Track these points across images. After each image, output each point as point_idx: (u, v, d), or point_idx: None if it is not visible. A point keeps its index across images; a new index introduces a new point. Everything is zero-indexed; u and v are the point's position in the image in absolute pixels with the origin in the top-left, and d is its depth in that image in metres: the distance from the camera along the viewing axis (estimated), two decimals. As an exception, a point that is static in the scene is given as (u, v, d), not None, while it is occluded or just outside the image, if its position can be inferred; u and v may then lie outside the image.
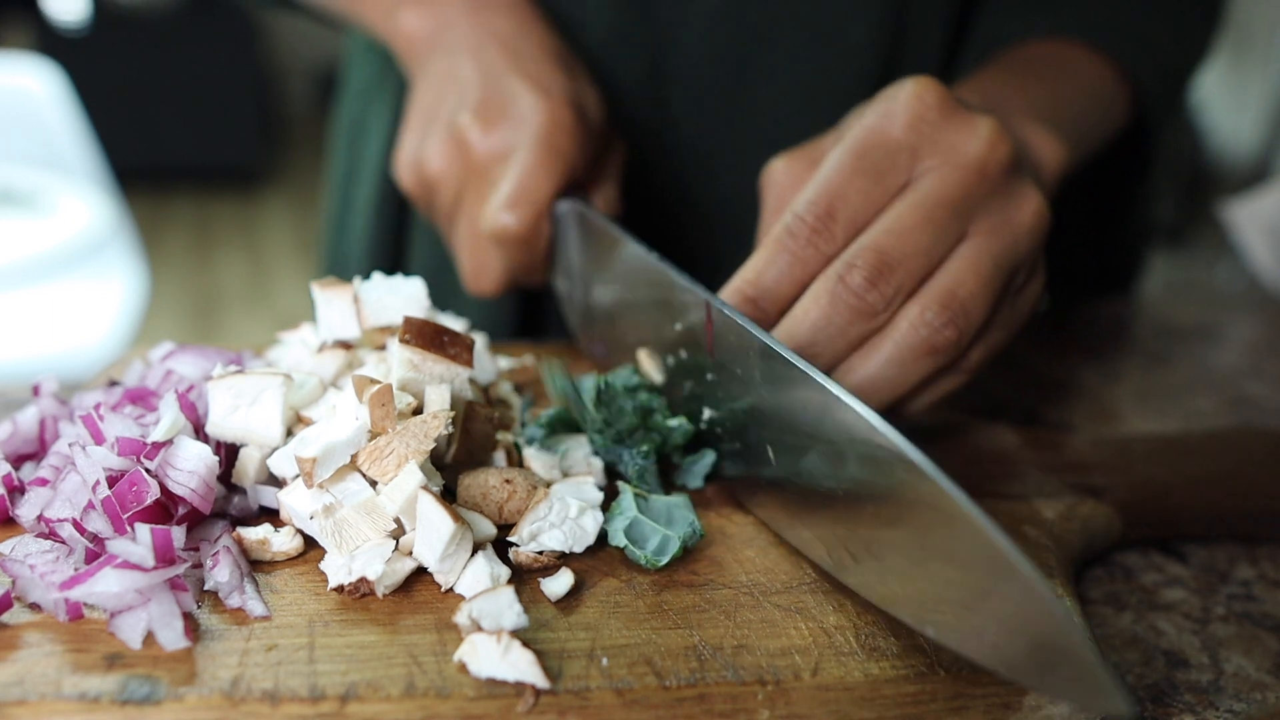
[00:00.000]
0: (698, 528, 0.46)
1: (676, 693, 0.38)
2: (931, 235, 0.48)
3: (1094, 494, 0.53)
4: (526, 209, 0.59)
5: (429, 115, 0.65)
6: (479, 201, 0.62)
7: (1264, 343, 0.86)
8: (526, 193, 0.59)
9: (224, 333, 3.49)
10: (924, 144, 0.51)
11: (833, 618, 0.42)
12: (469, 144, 0.61)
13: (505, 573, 0.43)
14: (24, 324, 2.12)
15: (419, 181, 0.65)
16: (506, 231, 0.60)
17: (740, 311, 0.48)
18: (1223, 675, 0.46)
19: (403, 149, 0.66)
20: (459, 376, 0.48)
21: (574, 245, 0.60)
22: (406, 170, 0.66)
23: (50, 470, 0.46)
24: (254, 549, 0.44)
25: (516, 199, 0.59)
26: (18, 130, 2.43)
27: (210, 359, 0.53)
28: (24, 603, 0.41)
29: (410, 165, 0.65)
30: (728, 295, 0.51)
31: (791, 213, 0.50)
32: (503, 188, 0.60)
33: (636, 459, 0.51)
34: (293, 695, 0.36)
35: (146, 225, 4.05)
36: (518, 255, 0.62)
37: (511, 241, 0.60)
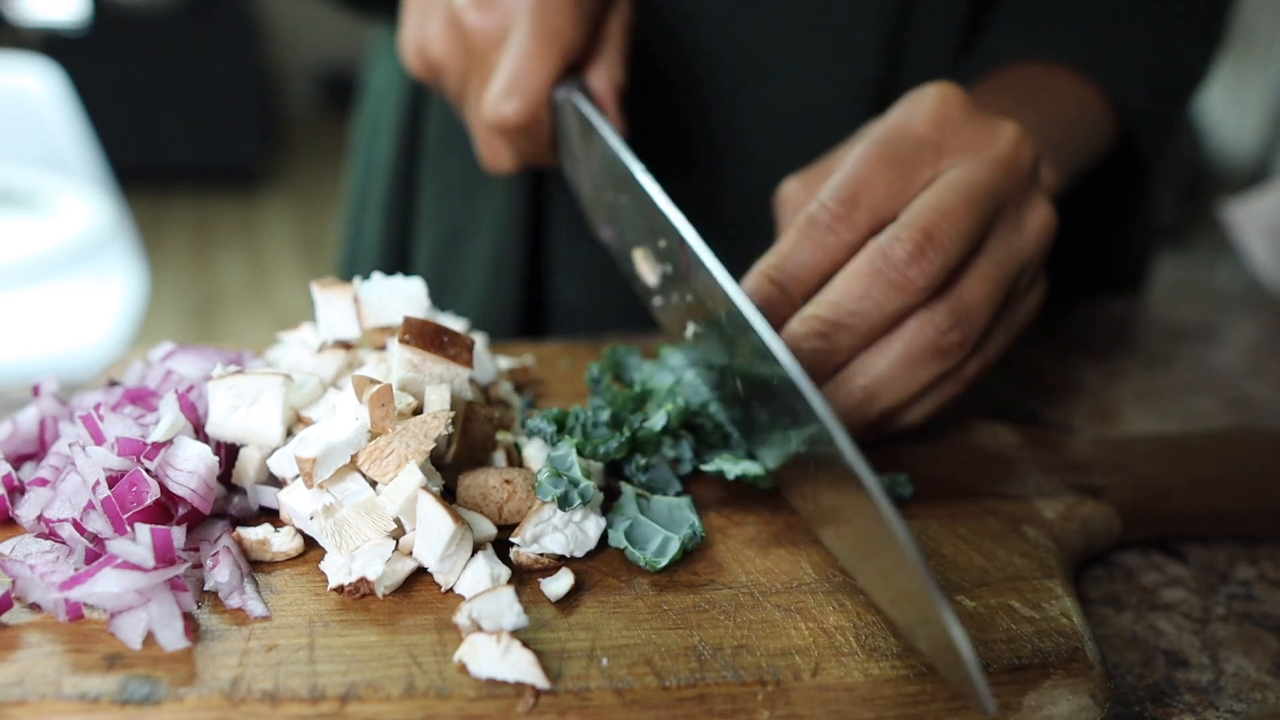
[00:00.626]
0: (698, 529, 0.46)
1: (676, 693, 0.38)
2: (972, 220, 0.49)
3: (1094, 494, 0.53)
4: (522, 99, 0.58)
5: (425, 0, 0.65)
6: (481, 86, 0.62)
7: (1264, 343, 0.86)
8: (522, 81, 0.58)
9: (224, 333, 3.49)
10: (948, 142, 0.51)
11: (833, 618, 0.42)
12: (466, 26, 0.61)
13: (505, 573, 0.43)
14: (24, 324, 2.12)
15: (425, 65, 0.65)
16: (505, 122, 0.59)
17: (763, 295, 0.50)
18: (1223, 675, 0.46)
19: (406, 31, 0.66)
20: (459, 376, 0.48)
21: (574, 132, 0.60)
22: (411, 54, 0.65)
23: (50, 470, 0.46)
24: (254, 549, 0.44)
25: (512, 88, 0.58)
26: (18, 130, 2.43)
27: (210, 359, 0.53)
28: (24, 603, 0.40)
29: (414, 49, 0.65)
30: (752, 279, 0.51)
31: (816, 200, 0.51)
32: (498, 77, 0.59)
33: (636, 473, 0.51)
34: (293, 695, 0.36)
35: (146, 225, 4.05)
36: (521, 142, 0.62)
37: (512, 131, 0.60)
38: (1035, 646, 0.41)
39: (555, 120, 0.61)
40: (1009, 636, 0.42)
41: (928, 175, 0.51)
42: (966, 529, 0.49)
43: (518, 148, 0.63)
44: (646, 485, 0.50)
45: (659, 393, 0.53)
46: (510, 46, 0.59)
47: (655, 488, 0.50)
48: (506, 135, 0.61)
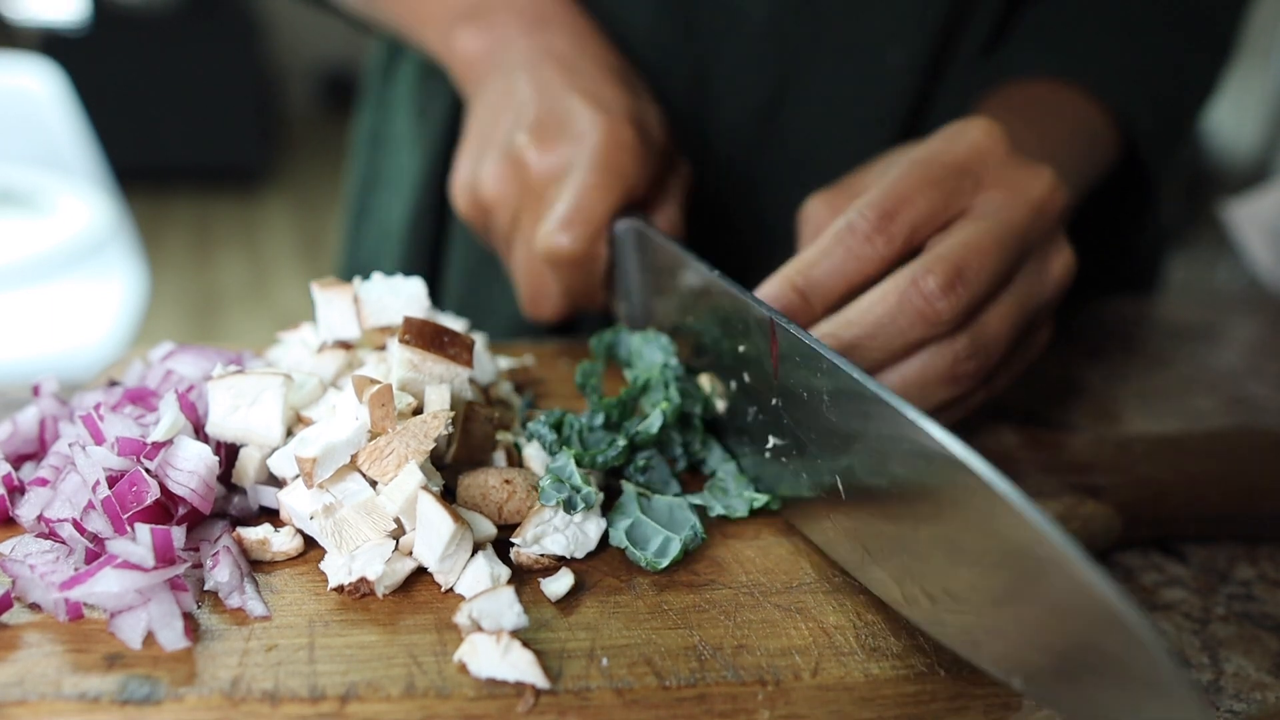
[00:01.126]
0: (699, 530, 0.46)
1: (676, 693, 0.38)
2: (1003, 261, 0.49)
3: (1094, 494, 0.53)
4: (582, 229, 0.57)
5: (485, 137, 0.63)
6: (535, 223, 0.60)
7: (1264, 343, 0.86)
8: (583, 212, 0.57)
9: (224, 333, 3.49)
10: (988, 175, 0.51)
11: (833, 618, 0.42)
12: (526, 164, 0.60)
13: (505, 573, 0.43)
14: (24, 324, 2.12)
15: (475, 205, 0.64)
16: (561, 252, 0.58)
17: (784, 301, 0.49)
18: (1223, 675, 0.46)
19: (459, 172, 0.65)
20: (459, 376, 0.48)
21: (633, 266, 0.59)
22: (462, 194, 0.64)
23: (50, 470, 0.46)
24: (254, 549, 0.44)
25: (572, 218, 0.57)
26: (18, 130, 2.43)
27: (210, 359, 0.53)
28: (24, 603, 0.40)
29: (466, 188, 0.64)
30: (775, 283, 0.50)
31: (854, 209, 0.50)
32: (558, 207, 0.58)
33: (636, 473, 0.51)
34: (293, 695, 0.36)
35: (146, 225, 4.05)
36: (574, 277, 0.60)
37: (567, 263, 0.59)
38: (1035, 646, 0.41)
39: (611, 257, 0.60)
40: (1009, 636, 0.42)
41: (965, 204, 0.51)
42: (966, 529, 0.49)
43: (568, 282, 0.61)
44: (646, 485, 0.50)
45: (652, 383, 0.53)
46: (571, 180, 0.58)
47: (655, 487, 0.50)
48: (560, 268, 0.59)
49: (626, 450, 0.49)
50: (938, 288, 0.47)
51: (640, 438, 0.50)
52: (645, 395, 0.53)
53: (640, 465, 0.51)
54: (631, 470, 0.51)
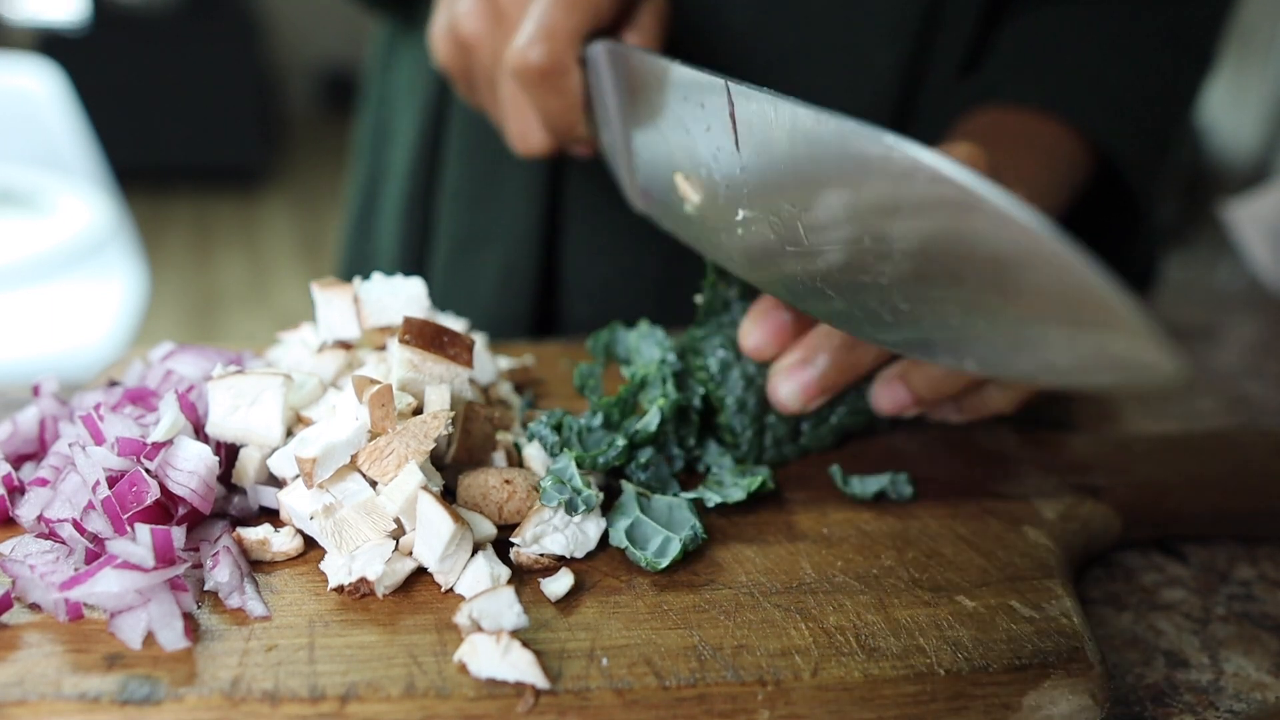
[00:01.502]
0: (699, 530, 0.46)
1: (676, 693, 0.38)
2: None
3: (1094, 494, 0.53)
4: (549, 43, 0.58)
5: None
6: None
7: (1264, 343, 0.86)
8: (548, 26, 0.58)
9: (224, 333, 3.49)
10: None
11: (833, 618, 0.42)
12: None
13: (505, 573, 0.43)
14: (24, 324, 2.12)
15: (455, 47, 0.64)
16: (530, 67, 0.58)
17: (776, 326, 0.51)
18: (1223, 675, 0.46)
19: (436, 21, 0.65)
20: (459, 376, 0.48)
21: (608, 85, 0.59)
22: (441, 40, 0.65)
23: (50, 470, 0.46)
24: (254, 549, 0.44)
25: (537, 33, 0.58)
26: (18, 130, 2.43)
27: (210, 359, 0.53)
28: (24, 603, 0.41)
29: (445, 32, 0.64)
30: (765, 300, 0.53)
31: None
32: (525, 25, 0.59)
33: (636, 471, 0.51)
34: (293, 695, 0.36)
35: (146, 225, 4.05)
36: (549, 99, 0.60)
37: (537, 80, 0.59)
38: (1035, 646, 0.41)
39: (587, 82, 0.60)
40: (1009, 636, 0.42)
41: None
42: (966, 529, 0.49)
43: (545, 107, 0.61)
44: (646, 484, 0.50)
45: (650, 379, 0.53)
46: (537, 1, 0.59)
47: (655, 487, 0.50)
48: (532, 86, 0.60)
49: (626, 450, 0.49)
50: None
51: (639, 436, 0.50)
52: (644, 392, 0.53)
53: (641, 464, 0.51)
54: (632, 469, 0.51)
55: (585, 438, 0.51)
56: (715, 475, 0.52)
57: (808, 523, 0.49)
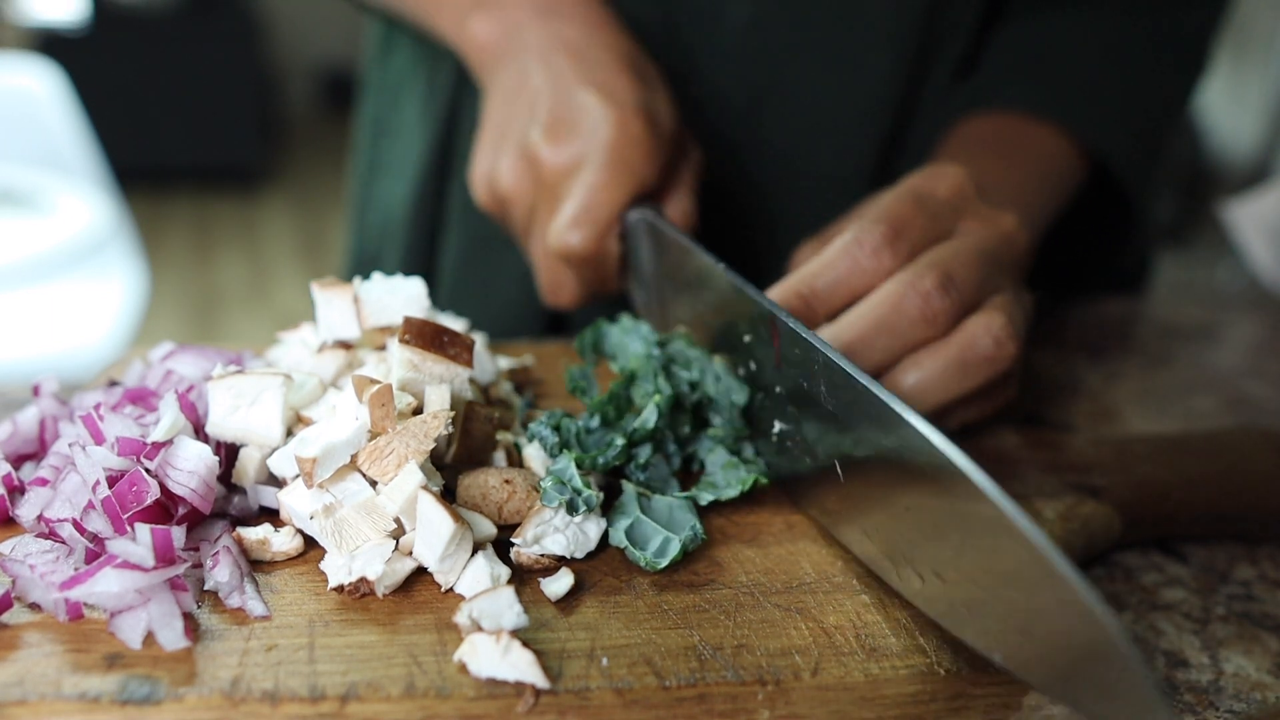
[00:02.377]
0: (699, 530, 0.46)
1: (676, 693, 0.38)
2: (984, 273, 0.52)
3: (1094, 494, 0.53)
4: (591, 228, 0.59)
5: (501, 130, 0.64)
6: (549, 218, 0.62)
7: (1264, 343, 0.86)
8: (591, 210, 0.59)
9: (224, 333, 3.49)
10: (965, 209, 0.56)
11: (833, 618, 0.42)
12: (539, 160, 0.61)
13: (505, 573, 0.43)
14: (24, 324, 2.12)
15: (493, 198, 0.65)
16: (571, 251, 0.59)
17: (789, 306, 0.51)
18: (1223, 675, 0.46)
19: (477, 164, 0.66)
20: (459, 376, 0.48)
21: (646, 255, 0.60)
22: (481, 187, 0.66)
23: (50, 470, 0.46)
24: (254, 549, 0.44)
25: (580, 217, 0.59)
26: (18, 130, 2.43)
27: (210, 359, 0.53)
28: (24, 603, 0.41)
29: (484, 183, 0.65)
30: (780, 291, 0.52)
31: (859, 227, 0.53)
32: (568, 206, 0.59)
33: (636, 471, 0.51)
34: (293, 695, 0.36)
35: (146, 225, 4.04)
36: (587, 271, 0.62)
37: (578, 260, 0.60)
38: (1035, 646, 0.41)
39: (625, 246, 0.61)
40: (1009, 636, 0.42)
41: (948, 230, 0.55)
42: (966, 529, 0.49)
43: (582, 278, 0.63)
44: (646, 484, 0.50)
45: (639, 374, 0.53)
46: (581, 177, 0.59)
47: (655, 486, 0.50)
48: (572, 265, 0.61)
49: (625, 449, 0.49)
50: (934, 287, 0.50)
51: (638, 434, 0.50)
52: (635, 386, 0.53)
53: (641, 463, 0.51)
54: (632, 469, 0.51)
55: (584, 439, 0.51)
56: (709, 476, 0.52)
57: (808, 523, 0.49)
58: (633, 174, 0.59)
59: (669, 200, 0.63)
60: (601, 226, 0.59)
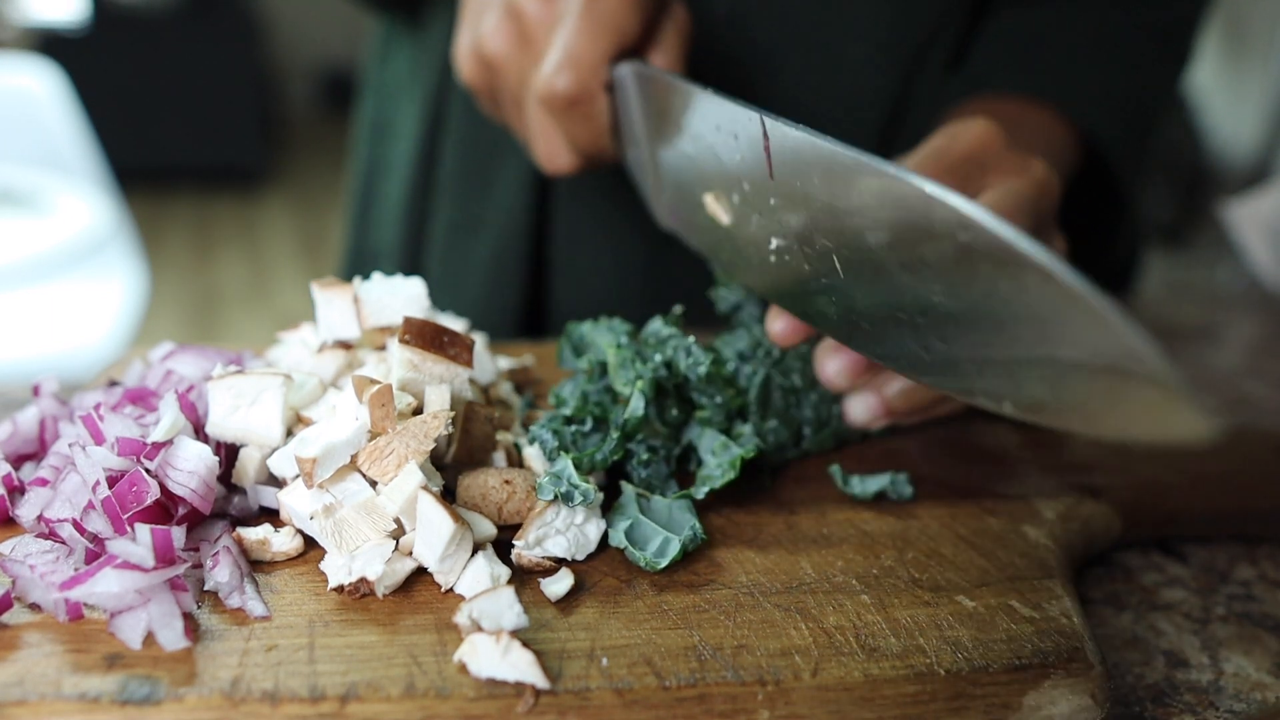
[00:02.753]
0: (698, 531, 0.46)
1: (676, 693, 0.38)
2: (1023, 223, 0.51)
3: (1094, 494, 0.53)
4: (575, 70, 0.58)
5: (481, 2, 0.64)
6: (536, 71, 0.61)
7: (1264, 343, 0.86)
8: (574, 53, 0.58)
9: (224, 333, 3.49)
10: (992, 162, 0.55)
11: (833, 618, 0.42)
12: (524, 15, 0.60)
13: (505, 573, 0.43)
14: (24, 324, 2.12)
15: (480, 65, 0.64)
16: (557, 95, 0.59)
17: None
18: (1223, 675, 0.46)
19: (461, 39, 0.65)
20: (459, 376, 0.48)
21: (636, 108, 0.60)
22: (466, 58, 0.65)
23: (50, 470, 0.46)
24: (254, 549, 0.44)
25: (564, 61, 0.58)
26: (18, 130, 2.43)
27: (210, 359, 0.53)
28: (24, 603, 0.41)
29: (470, 51, 0.64)
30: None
31: None
32: (551, 53, 0.59)
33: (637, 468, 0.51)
34: (293, 695, 0.36)
35: (146, 225, 4.04)
36: (576, 124, 0.61)
37: (564, 107, 0.60)
38: (1035, 646, 0.41)
39: (614, 103, 0.60)
40: (1009, 636, 0.42)
41: (977, 187, 0.54)
42: (966, 529, 0.49)
43: (573, 133, 0.62)
44: (646, 483, 0.50)
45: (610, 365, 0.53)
46: (564, 24, 0.59)
47: (654, 485, 0.50)
48: (560, 113, 0.60)
49: (621, 440, 0.49)
50: None
51: (630, 424, 0.50)
52: (615, 377, 0.53)
53: (642, 460, 0.51)
54: (633, 466, 0.51)
55: (580, 441, 0.51)
56: (704, 469, 0.51)
57: (808, 523, 0.49)
58: (613, 20, 0.58)
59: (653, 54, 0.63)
60: (585, 69, 0.58)
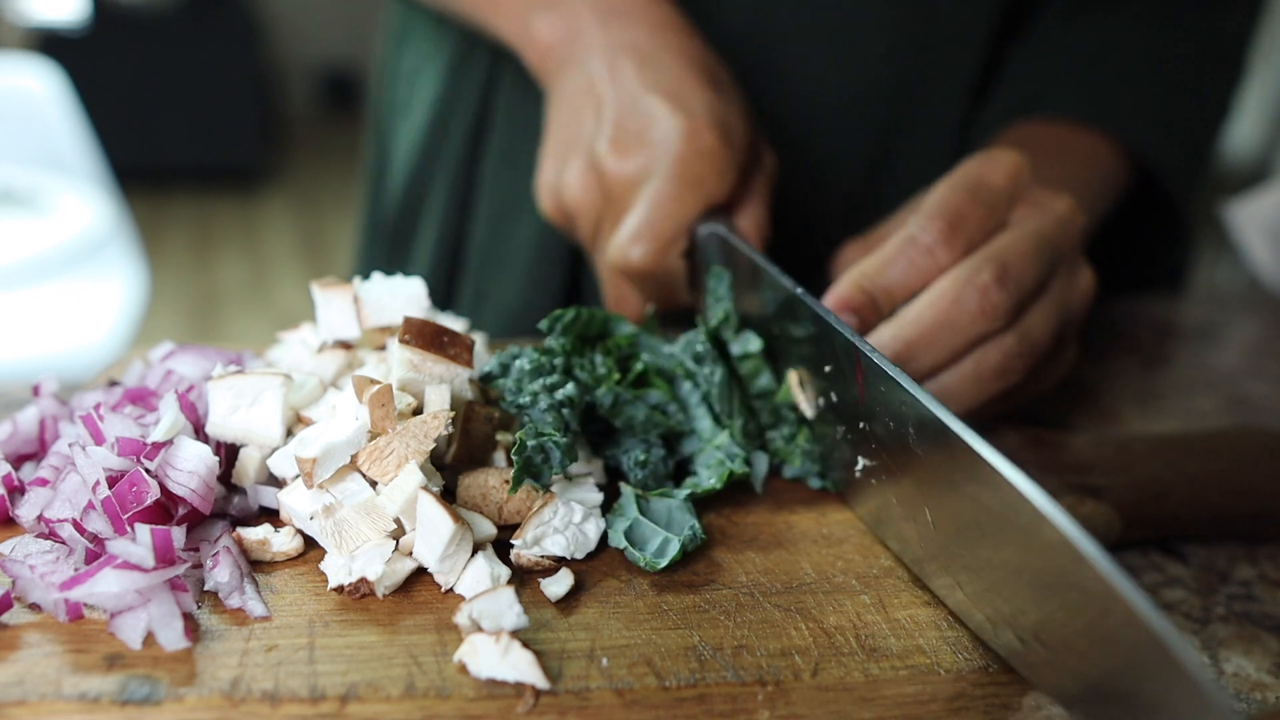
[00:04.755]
0: (698, 531, 0.46)
1: (676, 693, 0.38)
2: (1041, 264, 0.52)
3: (1094, 494, 0.53)
4: (653, 243, 0.57)
5: (567, 140, 0.63)
6: (614, 230, 0.60)
7: (1264, 343, 0.86)
8: (654, 225, 0.57)
9: (224, 333, 3.49)
10: (1020, 195, 0.55)
11: (833, 618, 0.42)
12: (606, 172, 0.59)
13: (505, 573, 0.43)
14: (24, 324, 2.12)
15: (559, 210, 0.64)
16: (632, 266, 0.58)
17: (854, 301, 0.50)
18: (1223, 675, 0.46)
19: (543, 174, 0.65)
20: (459, 376, 0.48)
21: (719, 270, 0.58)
22: (547, 198, 0.64)
23: (50, 470, 0.46)
24: (254, 549, 0.44)
25: (643, 232, 0.57)
26: (18, 130, 2.43)
27: (210, 359, 0.53)
28: (24, 603, 0.41)
29: (550, 194, 0.64)
30: (844, 285, 0.52)
31: (915, 223, 0.52)
32: (630, 220, 0.57)
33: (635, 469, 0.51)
34: (293, 695, 0.36)
35: (146, 225, 4.05)
36: (650, 286, 0.60)
37: (638, 275, 0.59)
38: (1035, 646, 0.41)
39: (696, 260, 0.59)
40: (1009, 636, 0.42)
41: (1002, 219, 0.54)
42: (966, 529, 0.49)
43: (646, 292, 0.61)
44: (643, 484, 0.50)
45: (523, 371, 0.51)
46: (647, 189, 0.57)
47: (652, 485, 0.50)
48: (633, 280, 0.60)
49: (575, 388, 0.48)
50: (992, 281, 0.50)
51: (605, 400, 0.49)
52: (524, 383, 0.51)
53: (639, 460, 0.51)
54: (630, 465, 0.51)
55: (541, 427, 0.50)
56: (694, 480, 0.51)
57: (808, 523, 0.49)
58: (701, 188, 0.57)
59: (741, 211, 0.61)
60: (664, 242, 0.57)
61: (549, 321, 0.53)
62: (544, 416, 0.48)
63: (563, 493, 0.47)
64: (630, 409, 0.51)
